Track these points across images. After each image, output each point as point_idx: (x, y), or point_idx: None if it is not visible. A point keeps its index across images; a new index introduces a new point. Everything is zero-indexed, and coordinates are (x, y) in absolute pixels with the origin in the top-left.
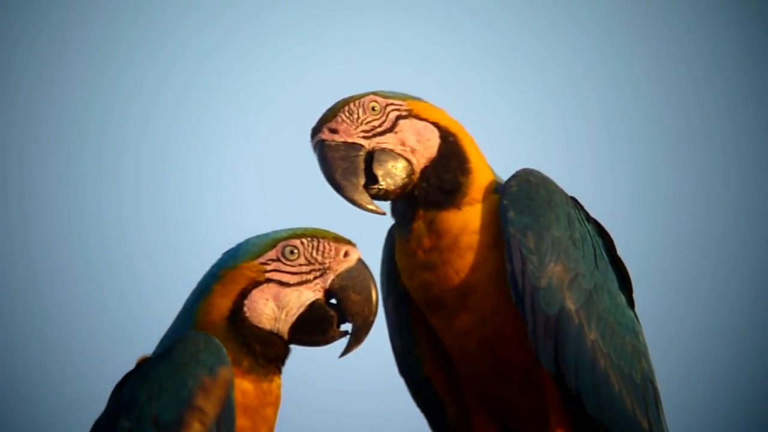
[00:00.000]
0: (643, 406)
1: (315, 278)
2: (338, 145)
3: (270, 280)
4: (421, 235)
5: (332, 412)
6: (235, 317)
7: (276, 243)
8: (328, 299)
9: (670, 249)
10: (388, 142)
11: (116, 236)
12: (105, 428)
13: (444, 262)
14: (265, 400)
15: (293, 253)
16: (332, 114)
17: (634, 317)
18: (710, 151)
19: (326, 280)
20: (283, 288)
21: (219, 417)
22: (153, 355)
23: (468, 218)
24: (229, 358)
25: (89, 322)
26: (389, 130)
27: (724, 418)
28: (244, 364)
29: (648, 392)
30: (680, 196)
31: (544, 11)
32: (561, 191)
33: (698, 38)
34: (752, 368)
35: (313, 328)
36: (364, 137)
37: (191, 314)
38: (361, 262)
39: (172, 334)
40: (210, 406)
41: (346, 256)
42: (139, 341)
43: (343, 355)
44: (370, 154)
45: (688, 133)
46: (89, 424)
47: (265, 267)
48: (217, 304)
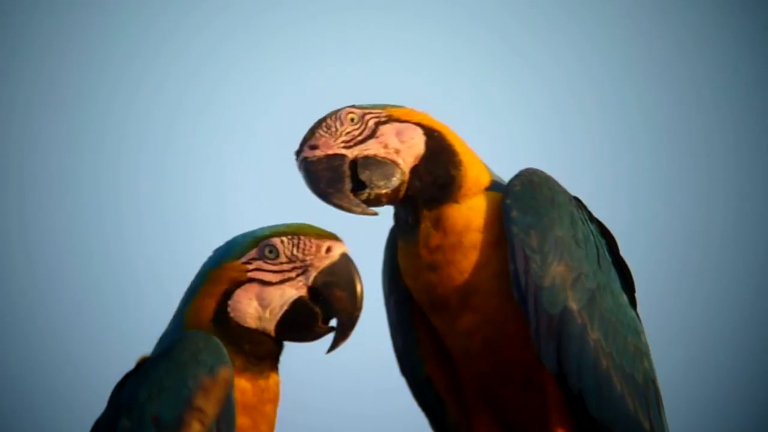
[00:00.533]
0: (644, 406)
1: (297, 276)
2: (320, 159)
3: (252, 280)
4: (429, 234)
5: (333, 412)
6: (220, 317)
7: (257, 242)
8: (313, 296)
9: (670, 249)
10: (371, 148)
11: (116, 236)
12: (105, 428)
13: (448, 262)
14: (264, 397)
15: (273, 252)
16: (310, 133)
17: (636, 317)
18: (711, 151)
19: (309, 277)
20: (266, 287)
21: (219, 417)
22: (152, 354)
23: (470, 215)
24: None
25: (89, 322)
26: (370, 137)
27: (725, 418)
28: (237, 363)
29: (650, 392)
30: (681, 196)
31: (545, 11)
32: (564, 191)
33: (699, 38)
34: (753, 368)
35: (299, 325)
36: (345, 147)
37: (181, 315)
38: (344, 257)
39: (166, 335)
40: (210, 406)
41: (328, 252)
42: (139, 341)
43: (330, 350)
44: (354, 163)
45: (689, 134)
46: (89, 424)
47: (247, 266)
48: (203, 304)
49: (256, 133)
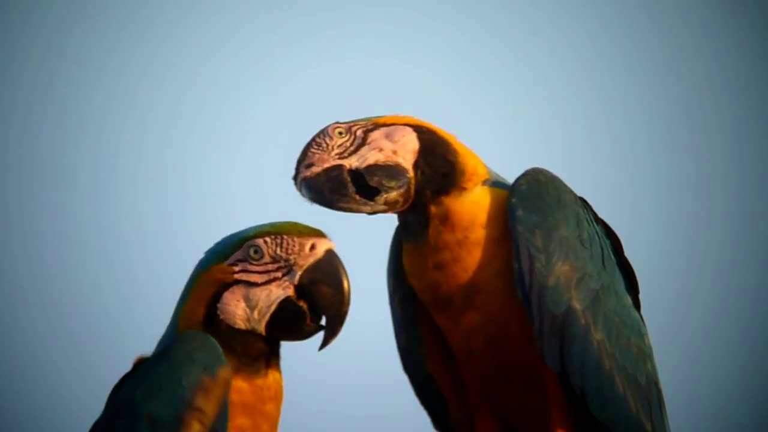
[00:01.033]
0: (646, 407)
1: (283, 275)
2: (318, 174)
3: (239, 281)
4: (439, 232)
5: (332, 413)
6: (211, 320)
7: (242, 243)
8: (300, 295)
9: (674, 251)
10: (368, 156)
11: (114, 236)
12: (103, 429)
13: (454, 259)
14: (264, 395)
15: (257, 253)
16: (303, 154)
17: (640, 319)
18: (712, 151)
19: (294, 276)
20: (252, 288)
21: (217, 416)
22: (151, 356)
23: (476, 210)
24: None
25: (87, 323)
26: (362, 145)
27: (726, 420)
28: (232, 363)
29: (652, 394)
30: (684, 197)
31: (547, 10)
32: (570, 191)
33: (699, 38)
34: (755, 371)
35: (288, 324)
36: (339, 158)
37: (176, 319)
38: (329, 253)
39: (163, 338)
40: (209, 405)
41: (312, 249)
42: (137, 342)
43: (321, 348)
44: (352, 172)
45: (690, 134)
46: (88, 425)
47: (233, 268)
48: (194, 307)
49: (252, 132)
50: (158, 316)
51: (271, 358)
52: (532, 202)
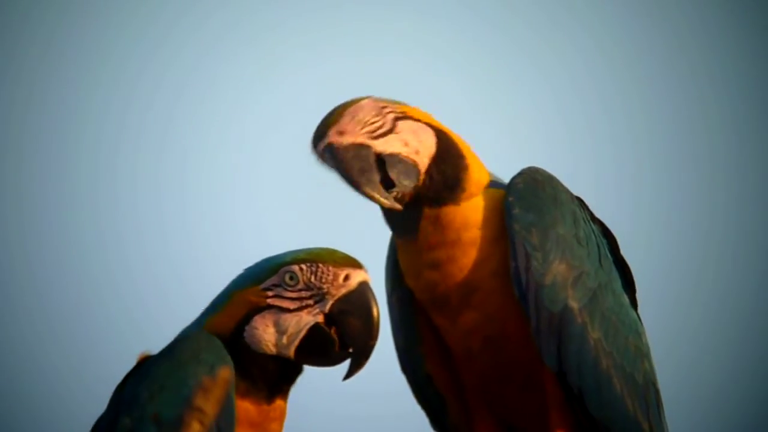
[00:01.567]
0: (644, 406)
1: (315, 303)
2: (348, 146)
3: (271, 306)
4: (429, 232)
5: (331, 413)
6: (234, 339)
7: (278, 268)
8: (329, 323)
9: (671, 250)
10: (394, 146)
11: (114, 236)
12: (106, 427)
13: (449, 259)
14: (269, 416)
15: (293, 279)
16: (337, 117)
17: (638, 318)
18: (712, 151)
19: (325, 305)
20: (283, 313)
21: (218, 416)
22: (156, 354)
23: (468, 213)
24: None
25: (88, 322)
26: (390, 131)
27: (724, 420)
28: (240, 387)
29: (650, 393)
30: (682, 196)
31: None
32: (566, 190)
33: (699, 38)
34: (753, 369)
35: (316, 351)
36: (369, 138)
37: (200, 324)
38: (362, 286)
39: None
40: (209, 406)
41: (346, 280)
42: (139, 341)
43: (346, 378)
44: (377, 156)
45: (690, 134)
46: (90, 423)
47: (267, 293)
48: (222, 322)
49: (252, 132)
50: (158, 316)
51: (284, 387)
52: (529, 200)
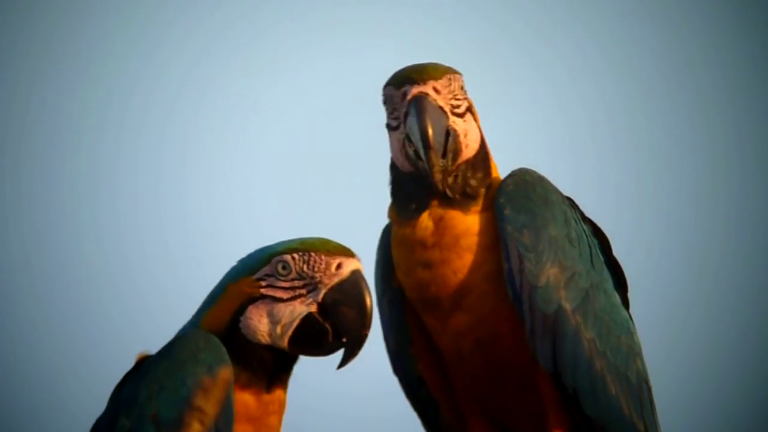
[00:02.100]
0: (638, 405)
1: (308, 292)
2: (437, 107)
3: (265, 296)
4: (427, 227)
5: (330, 414)
6: (231, 331)
7: (271, 258)
8: (323, 312)
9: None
10: (459, 129)
11: (114, 236)
12: (105, 427)
13: (443, 261)
14: (269, 409)
15: (285, 269)
16: (438, 74)
17: (629, 317)
18: (711, 151)
19: (318, 294)
20: (277, 303)
21: (218, 416)
22: (155, 354)
23: (471, 224)
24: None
25: (88, 322)
26: (461, 116)
27: (720, 419)
28: (242, 377)
29: (643, 392)
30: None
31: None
32: (557, 190)
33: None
34: (748, 369)
35: (309, 341)
36: (450, 110)
37: (198, 320)
38: (354, 274)
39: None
40: (209, 406)
41: (338, 269)
42: (138, 341)
43: (340, 367)
44: (447, 130)
45: (689, 134)
46: (89, 424)
47: (260, 283)
48: (218, 316)
49: (252, 132)
50: (157, 315)
51: (282, 376)
52: (520, 201)
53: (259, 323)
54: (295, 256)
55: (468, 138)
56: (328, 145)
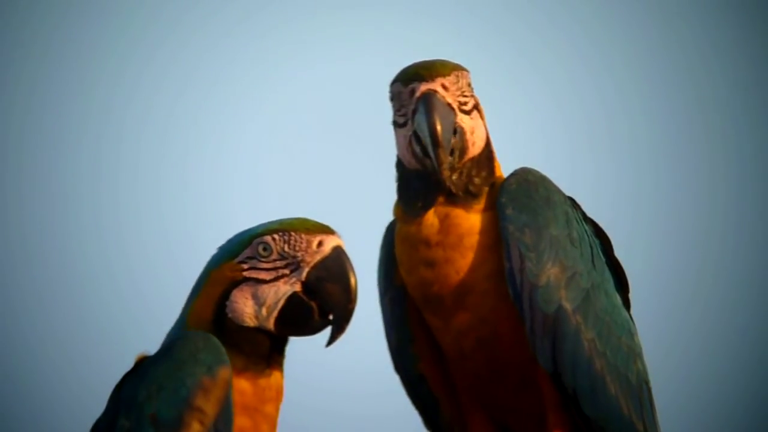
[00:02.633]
0: (638, 406)
1: (291, 272)
2: (445, 104)
3: (248, 279)
4: (433, 225)
5: (330, 412)
6: (219, 318)
7: (251, 240)
8: (307, 291)
9: (669, 250)
10: (467, 126)
11: (114, 235)
12: (105, 428)
13: (446, 260)
14: (265, 396)
15: (266, 250)
16: (446, 71)
17: (630, 318)
18: (711, 151)
19: (301, 273)
20: (260, 285)
21: (218, 416)
22: (153, 354)
23: (474, 222)
24: None
25: (88, 322)
26: (468, 113)
27: (720, 420)
28: (238, 363)
29: (643, 393)
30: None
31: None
32: (559, 190)
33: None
34: (749, 370)
35: (296, 320)
36: (458, 107)
37: (184, 316)
38: (336, 250)
39: (169, 336)
40: (209, 406)
41: (319, 246)
42: (138, 341)
43: (329, 344)
44: (454, 127)
45: (689, 134)
46: (89, 424)
47: (242, 266)
48: (203, 305)
49: (252, 131)
50: (158, 315)
51: (276, 358)
52: (522, 201)
53: (245, 306)
54: (276, 236)
55: (474, 136)
56: (329, 144)
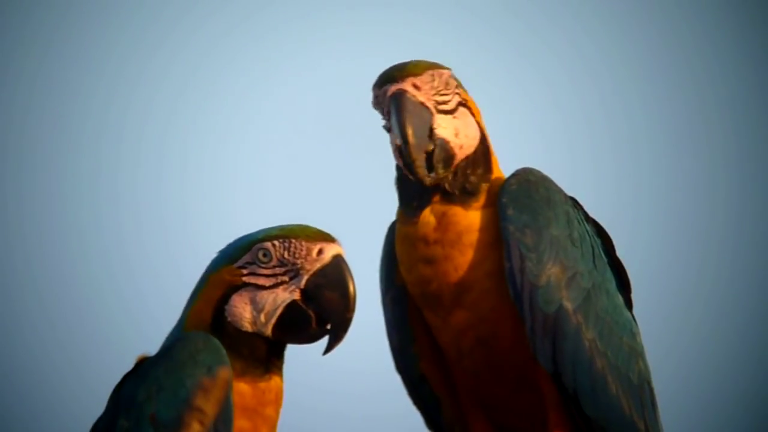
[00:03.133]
0: (639, 406)
1: (290, 279)
2: (417, 104)
3: (247, 284)
4: (429, 223)
5: (330, 413)
6: (218, 322)
7: (251, 246)
8: (306, 299)
9: (670, 250)
10: (448, 130)
11: (115, 235)
12: (104, 428)
13: (445, 258)
14: (265, 398)
15: (266, 256)
16: (418, 70)
17: (632, 318)
18: (711, 151)
19: (300, 281)
20: (259, 291)
21: (217, 417)
22: (153, 355)
23: (473, 219)
24: None
25: (88, 322)
26: (451, 112)
27: (721, 420)
28: (237, 366)
29: (645, 393)
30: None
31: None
32: (560, 190)
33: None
34: (750, 370)
35: (294, 328)
36: (435, 107)
37: (183, 319)
38: (336, 259)
39: (169, 338)
40: (209, 407)
41: (319, 254)
42: (138, 341)
43: (326, 352)
44: (431, 130)
45: (689, 134)
46: (89, 424)
47: (242, 271)
48: (202, 308)
49: (252, 131)
50: (158, 317)
51: (275, 362)
52: (523, 201)
53: (244, 311)
54: (276, 243)
55: (461, 135)
56: (332, 147)
